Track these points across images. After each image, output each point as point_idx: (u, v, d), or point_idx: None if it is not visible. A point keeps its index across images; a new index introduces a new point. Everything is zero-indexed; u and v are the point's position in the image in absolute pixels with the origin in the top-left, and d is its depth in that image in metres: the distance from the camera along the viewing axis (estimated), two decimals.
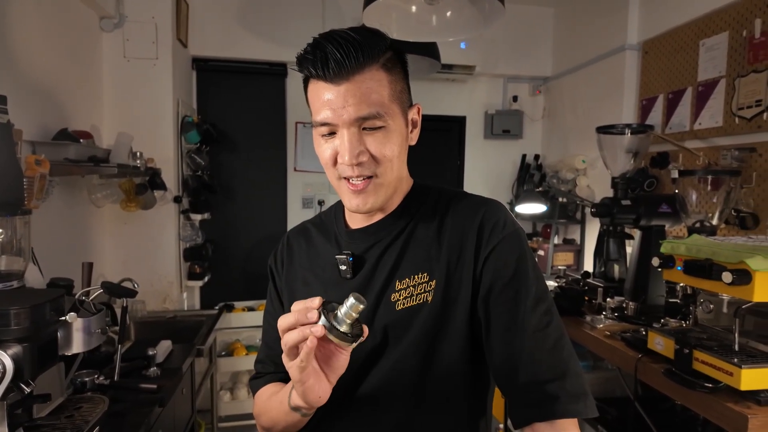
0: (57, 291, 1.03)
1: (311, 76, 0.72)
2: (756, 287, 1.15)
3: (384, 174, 0.74)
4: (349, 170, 0.72)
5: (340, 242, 0.84)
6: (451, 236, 0.77)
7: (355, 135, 0.70)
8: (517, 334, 0.71)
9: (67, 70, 2.10)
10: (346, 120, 0.69)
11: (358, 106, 0.69)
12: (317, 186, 3.31)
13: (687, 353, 1.30)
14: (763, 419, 1.12)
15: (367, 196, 0.74)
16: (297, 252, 0.89)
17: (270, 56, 3.09)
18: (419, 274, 0.76)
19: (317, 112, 0.72)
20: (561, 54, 3.32)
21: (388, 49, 0.72)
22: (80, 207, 2.20)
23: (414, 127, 0.80)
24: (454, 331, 0.75)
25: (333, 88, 0.69)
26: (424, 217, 0.81)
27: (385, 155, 0.72)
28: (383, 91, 0.71)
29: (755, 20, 1.90)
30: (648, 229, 1.90)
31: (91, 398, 1.25)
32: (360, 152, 0.71)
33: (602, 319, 1.84)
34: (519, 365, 0.71)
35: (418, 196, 0.84)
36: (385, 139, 0.72)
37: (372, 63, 0.70)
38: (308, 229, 0.91)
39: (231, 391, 2.94)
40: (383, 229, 0.81)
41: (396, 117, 0.73)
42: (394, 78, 0.73)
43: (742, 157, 1.94)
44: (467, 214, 0.78)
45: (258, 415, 0.84)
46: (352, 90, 0.69)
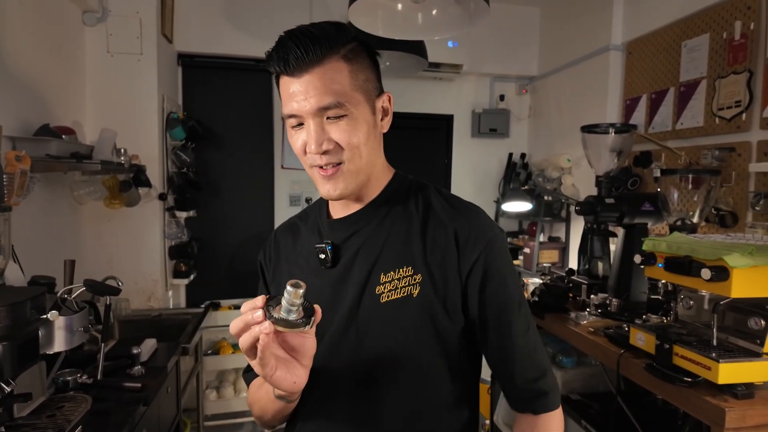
0: (38, 289, 1.02)
1: (278, 71, 0.75)
2: (733, 283, 1.18)
3: (351, 160, 0.76)
4: (317, 158, 0.75)
5: (322, 232, 0.86)
6: (436, 235, 0.79)
7: (319, 124, 0.74)
8: (508, 337, 0.80)
9: (48, 65, 2.06)
10: (308, 110, 0.73)
11: (319, 96, 0.72)
12: (304, 183, 3.29)
13: (667, 348, 1.32)
14: (739, 412, 1.15)
15: (337, 181, 0.77)
16: (284, 247, 0.91)
17: (257, 52, 3.06)
18: (404, 268, 0.78)
19: (285, 105, 0.76)
20: (547, 54, 3.35)
21: (350, 41, 0.76)
22: (62, 204, 2.16)
23: (385, 115, 0.82)
24: (439, 325, 0.78)
25: (296, 81, 0.73)
26: (404, 209, 0.83)
27: (350, 142, 0.75)
28: (344, 81, 0.74)
29: (735, 22, 1.94)
30: (631, 227, 1.93)
31: (74, 397, 1.23)
32: (325, 140, 0.74)
33: (586, 316, 1.86)
34: (513, 366, 0.80)
35: (398, 187, 0.86)
36: (348, 126, 0.75)
37: (331, 55, 0.73)
38: (295, 224, 0.93)
39: (217, 389, 2.92)
40: (362, 219, 0.83)
41: (360, 105, 0.76)
42: (357, 68, 0.76)
43: (722, 157, 1.99)
44: (452, 216, 0.81)
45: (251, 404, 0.88)
46: (313, 81, 0.72)
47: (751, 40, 1.89)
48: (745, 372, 1.19)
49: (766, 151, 1.83)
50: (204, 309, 2.65)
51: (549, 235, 3.31)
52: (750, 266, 1.17)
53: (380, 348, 0.77)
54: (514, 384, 0.81)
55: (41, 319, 1.00)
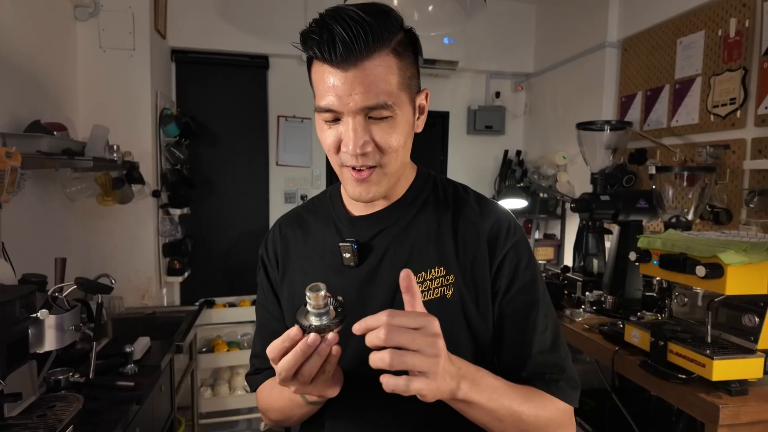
0: (28, 287, 1.00)
1: (316, 57, 0.67)
2: (728, 281, 1.18)
3: (389, 164, 0.71)
4: (353, 160, 0.69)
5: (341, 229, 0.81)
6: (466, 235, 0.77)
7: (361, 124, 0.67)
8: (528, 335, 0.76)
9: (39, 60, 2.03)
10: (352, 108, 0.66)
11: (365, 94, 0.65)
12: (299, 181, 3.28)
13: (662, 345, 1.33)
14: (733, 409, 1.15)
15: (370, 185, 0.72)
16: (292, 241, 0.85)
17: (251, 48, 3.05)
18: (435, 268, 0.75)
19: (321, 97, 0.68)
20: (543, 51, 3.34)
21: (399, 31, 0.68)
22: (54, 201, 2.14)
23: (421, 114, 0.76)
24: (473, 326, 0.76)
25: (339, 74, 0.65)
26: (432, 208, 0.80)
27: (390, 146, 0.69)
28: (392, 79, 0.66)
29: (730, 19, 1.94)
30: (626, 224, 1.93)
31: (65, 397, 1.22)
32: (365, 142, 0.67)
33: (581, 313, 1.86)
34: (527, 363, 0.75)
35: (424, 185, 0.83)
36: (391, 129, 0.69)
37: (382, 47, 0.65)
38: (302, 216, 0.88)
39: (212, 387, 2.91)
40: (389, 217, 0.79)
41: (404, 106, 0.70)
42: (405, 63, 0.69)
43: (716, 154, 1.99)
44: (481, 214, 0.79)
45: (265, 410, 0.84)
46: (360, 77, 0.64)
47: (746, 38, 1.89)
48: (739, 369, 1.19)
49: (760, 148, 1.83)
50: (198, 307, 2.63)
51: (544, 232, 3.31)
52: (744, 263, 1.17)
53: None
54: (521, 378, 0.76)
55: (31, 318, 0.99)
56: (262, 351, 0.85)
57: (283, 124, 3.22)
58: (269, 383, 0.83)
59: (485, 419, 0.67)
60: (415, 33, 0.72)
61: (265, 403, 0.83)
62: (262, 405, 0.84)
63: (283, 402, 0.77)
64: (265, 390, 0.84)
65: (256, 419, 2.97)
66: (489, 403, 0.65)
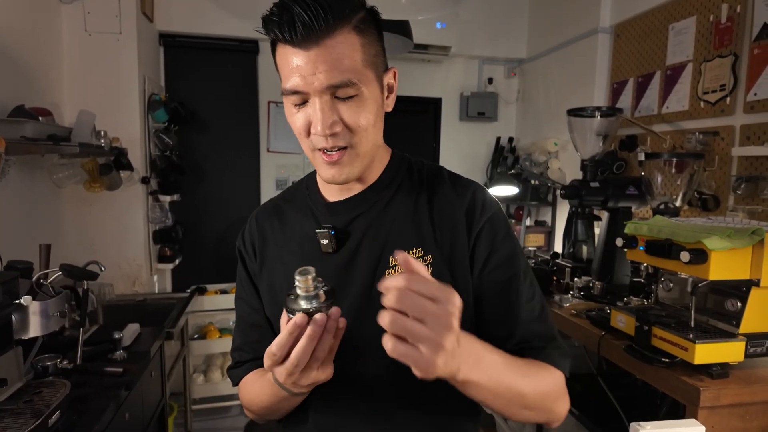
0: (10, 273, 1.00)
1: (278, 39, 0.67)
2: (712, 266, 1.19)
3: (359, 144, 0.70)
4: (323, 141, 0.69)
5: (317, 216, 0.81)
6: (443, 214, 0.78)
7: (328, 104, 0.66)
8: (513, 305, 0.75)
9: (23, 44, 1.99)
10: (317, 88, 0.65)
11: (329, 72, 0.64)
12: (291, 167, 3.26)
13: (646, 330, 1.34)
14: (714, 391, 1.17)
15: (342, 167, 0.71)
16: (270, 231, 0.85)
17: (241, 33, 3.00)
18: (413, 250, 0.75)
19: (286, 79, 0.67)
20: (536, 36, 3.32)
21: (360, 9, 0.68)
22: (41, 187, 2.12)
23: (390, 92, 0.76)
24: None
25: (302, 54, 0.65)
26: (407, 190, 0.80)
27: (359, 125, 0.69)
28: (356, 56, 0.66)
29: (722, 5, 1.93)
30: (615, 210, 1.94)
31: (52, 382, 1.22)
32: (333, 122, 0.67)
33: (569, 299, 1.88)
34: (515, 332, 0.75)
35: (398, 167, 0.83)
36: (359, 107, 0.68)
37: (343, 25, 0.65)
38: (279, 206, 0.88)
39: (204, 373, 2.93)
40: (366, 201, 0.79)
41: (370, 83, 0.69)
42: (368, 41, 0.69)
43: (705, 141, 1.99)
44: (456, 193, 0.79)
45: (249, 404, 0.82)
46: (323, 55, 0.64)
47: (737, 24, 1.88)
48: (720, 352, 1.21)
49: (748, 135, 1.83)
50: (190, 293, 2.63)
51: (536, 219, 3.32)
52: (728, 249, 1.18)
53: None
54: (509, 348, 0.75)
55: (14, 304, 0.98)
56: (242, 344, 0.86)
57: (273, 110, 3.19)
58: (251, 377, 0.82)
59: (485, 397, 0.66)
60: (376, 10, 0.72)
61: (248, 397, 0.82)
62: (245, 400, 0.83)
63: (268, 395, 0.75)
64: (248, 384, 0.83)
65: None
66: (489, 382, 0.64)
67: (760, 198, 1.76)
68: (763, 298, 1.22)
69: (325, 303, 0.59)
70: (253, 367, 0.84)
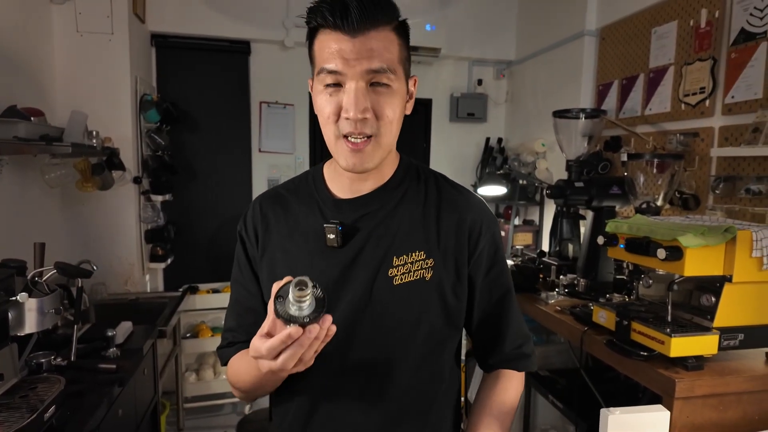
0: (6, 271, 1.02)
1: (326, 24, 0.71)
2: (687, 263, 1.24)
3: (383, 135, 0.75)
4: (351, 126, 0.72)
5: (325, 212, 0.83)
6: (449, 222, 0.84)
7: (363, 89, 0.71)
8: (505, 312, 0.89)
9: (14, 45, 2.00)
10: (357, 71, 0.70)
11: (371, 59, 0.70)
12: (282, 167, 3.29)
13: (626, 325, 1.39)
14: (688, 383, 1.22)
15: (365, 155, 0.75)
16: (273, 219, 0.86)
17: (232, 33, 3.02)
18: (416, 252, 0.81)
19: (326, 61, 0.71)
20: (524, 38, 3.37)
21: (399, 16, 0.76)
22: (33, 187, 2.13)
23: (410, 98, 0.82)
24: (448, 303, 0.83)
25: (347, 40, 0.70)
26: (415, 194, 0.85)
27: (387, 115, 0.74)
28: (394, 51, 0.73)
29: (701, 10, 1.99)
30: (599, 209, 1.99)
31: (47, 378, 1.24)
32: (365, 108, 0.72)
33: (555, 296, 1.93)
34: (506, 336, 0.89)
35: (407, 171, 0.87)
36: (389, 98, 0.74)
37: (387, 23, 0.72)
38: (283, 196, 0.89)
39: (197, 372, 2.94)
40: (375, 201, 0.83)
41: (401, 80, 0.76)
42: (403, 44, 0.76)
43: (686, 142, 2.05)
44: (465, 206, 0.86)
45: (234, 382, 0.84)
46: (367, 43, 0.70)
47: (716, 28, 1.94)
48: (695, 345, 1.26)
49: (726, 136, 1.89)
50: (182, 293, 2.65)
51: (524, 218, 3.38)
52: (702, 246, 1.23)
53: (393, 325, 0.80)
54: (502, 351, 0.90)
55: (10, 300, 1.00)
56: (237, 326, 0.87)
57: (265, 110, 3.22)
58: (239, 355, 0.84)
59: None
60: (408, 24, 0.79)
61: (234, 375, 0.84)
62: (232, 378, 0.85)
63: (252, 375, 0.78)
64: (235, 362, 0.85)
65: (240, 403, 3.01)
66: None
67: (737, 197, 1.82)
68: (736, 293, 1.28)
69: (317, 312, 0.61)
70: (244, 347, 0.84)
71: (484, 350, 0.91)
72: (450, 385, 0.88)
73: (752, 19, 1.79)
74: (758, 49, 1.77)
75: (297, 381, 0.80)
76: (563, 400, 1.82)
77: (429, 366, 0.84)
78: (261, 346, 0.62)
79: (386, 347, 0.80)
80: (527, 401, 2.04)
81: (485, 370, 0.93)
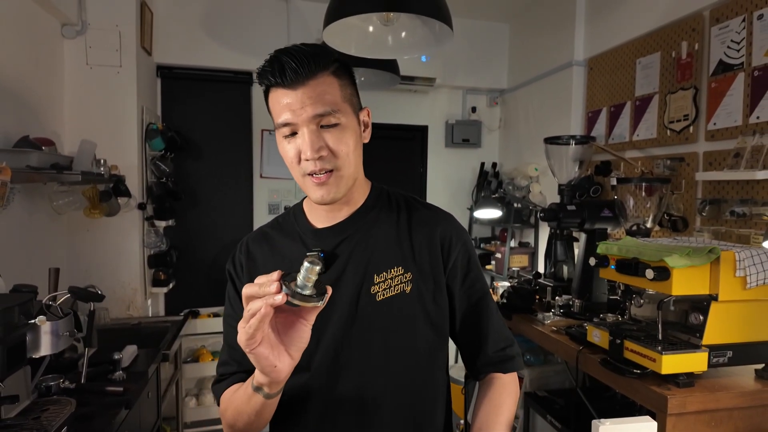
0: (25, 295, 1.07)
1: (271, 84, 0.81)
2: (674, 282, 1.30)
3: (343, 167, 0.82)
4: (312, 165, 0.80)
5: (306, 241, 0.90)
6: (420, 236, 0.91)
7: (314, 132, 0.79)
8: (484, 315, 0.94)
9: (27, 77, 2.09)
10: (305, 118, 0.78)
11: (314, 105, 0.78)
12: (283, 192, 3.36)
13: (619, 343, 1.44)
14: (680, 399, 1.27)
15: (330, 187, 0.82)
16: (260, 256, 0.92)
17: (235, 65, 3.13)
18: (395, 268, 0.87)
19: (278, 116, 0.80)
20: (516, 68, 3.50)
21: (335, 61, 0.83)
22: (41, 214, 2.18)
23: (366, 127, 0.90)
24: (430, 312, 0.89)
25: (291, 93, 0.79)
26: (387, 215, 0.92)
27: (341, 149, 0.81)
28: (335, 93, 0.81)
29: (682, 42, 2.10)
30: (592, 232, 2.06)
31: (58, 401, 1.28)
32: (320, 147, 0.79)
33: (551, 316, 1.98)
34: (487, 337, 0.94)
35: (378, 196, 0.95)
36: (341, 134, 0.81)
37: (323, 70, 0.80)
38: (268, 234, 0.95)
39: (197, 397, 2.94)
40: (351, 226, 0.90)
41: (349, 116, 0.83)
42: (344, 83, 0.84)
43: (673, 166, 2.14)
44: (433, 219, 0.94)
45: (223, 412, 0.85)
46: (308, 92, 0.78)
47: (696, 60, 2.05)
48: (685, 362, 1.31)
49: (710, 161, 1.98)
50: (183, 317, 2.68)
51: (519, 240, 3.44)
52: (687, 266, 1.29)
53: (380, 339, 0.86)
54: (486, 353, 0.94)
55: (29, 324, 1.05)
56: (228, 359, 0.91)
57: (267, 137, 3.31)
58: (231, 389, 0.86)
59: None
60: (347, 62, 0.87)
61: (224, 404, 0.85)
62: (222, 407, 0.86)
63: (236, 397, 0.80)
64: (227, 394, 0.86)
65: None
66: None
67: (723, 219, 1.89)
68: (722, 311, 1.34)
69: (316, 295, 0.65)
70: (236, 380, 0.87)
71: (470, 354, 0.96)
72: (441, 398, 0.94)
73: (729, 51, 1.90)
74: (736, 80, 1.87)
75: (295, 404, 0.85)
76: (561, 420, 1.85)
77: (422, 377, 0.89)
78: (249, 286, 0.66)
79: (378, 365, 0.86)
80: (526, 422, 2.06)
81: (474, 376, 0.98)
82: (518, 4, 3.27)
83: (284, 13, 3.15)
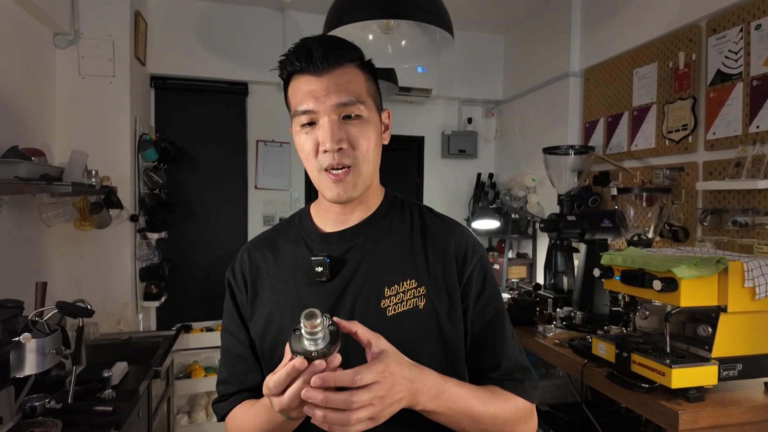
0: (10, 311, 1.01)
1: (295, 70, 0.77)
2: (682, 294, 1.27)
3: (362, 164, 0.78)
4: (329, 158, 0.76)
5: (311, 246, 0.84)
6: (435, 250, 0.84)
7: (336, 122, 0.75)
8: (498, 339, 0.84)
9: (18, 87, 2.05)
10: (328, 106, 0.75)
11: (339, 93, 0.75)
12: (278, 203, 3.31)
13: (626, 357, 1.40)
14: (692, 414, 1.23)
15: (347, 185, 0.78)
16: (262, 263, 0.87)
17: (230, 75, 3.11)
18: (408, 281, 0.80)
19: (300, 103, 0.76)
20: (511, 79, 3.51)
21: (362, 55, 0.81)
22: (30, 226, 2.12)
23: (386, 129, 0.87)
24: (444, 331, 0.81)
25: (315, 80, 0.75)
26: (401, 225, 0.86)
27: (362, 144, 0.77)
28: (361, 84, 0.78)
29: (679, 53, 2.11)
30: (592, 242, 2.03)
31: (43, 422, 1.21)
32: (341, 138, 0.75)
33: (552, 329, 1.94)
34: (500, 365, 0.83)
35: (392, 204, 0.89)
36: (363, 127, 0.77)
37: (349, 60, 0.78)
38: (271, 238, 0.90)
39: (189, 414, 2.86)
40: (361, 233, 0.84)
41: (372, 111, 0.79)
42: (368, 78, 0.81)
43: (672, 176, 2.13)
44: (449, 232, 0.86)
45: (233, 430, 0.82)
46: (334, 79, 0.75)
47: (694, 70, 2.05)
48: (695, 376, 1.28)
49: (710, 170, 1.97)
50: (175, 331, 2.61)
51: (517, 251, 3.41)
52: (696, 277, 1.27)
53: None
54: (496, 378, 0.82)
55: (12, 341, 1.00)
56: (228, 376, 0.86)
57: (262, 148, 3.27)
58: (242, 408, 0.82)
59: (444, 422, 0.75)
60: (372, 62, 0.84)
61: (240, 428, 0.81)
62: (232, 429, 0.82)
63: (263, 422, 0.76)
64: (236, 417, 0.82)
65: None
66: (447, 411, 0.72)
67: (725, 229, 1.88)
68: (732, 323, 1.31)
69: (328, 347, 0.60)
70: (239, 400, 0.84)
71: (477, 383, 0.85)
72: None
73: (727, 61, 1.91)
74: (734, 89, 1.87)
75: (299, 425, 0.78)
76: None
77: None
78: (269, 380, 0.63)
79: None
80: None
81: None
82: (513, 16, 3.29)
83: (280, 24, 3.14)
